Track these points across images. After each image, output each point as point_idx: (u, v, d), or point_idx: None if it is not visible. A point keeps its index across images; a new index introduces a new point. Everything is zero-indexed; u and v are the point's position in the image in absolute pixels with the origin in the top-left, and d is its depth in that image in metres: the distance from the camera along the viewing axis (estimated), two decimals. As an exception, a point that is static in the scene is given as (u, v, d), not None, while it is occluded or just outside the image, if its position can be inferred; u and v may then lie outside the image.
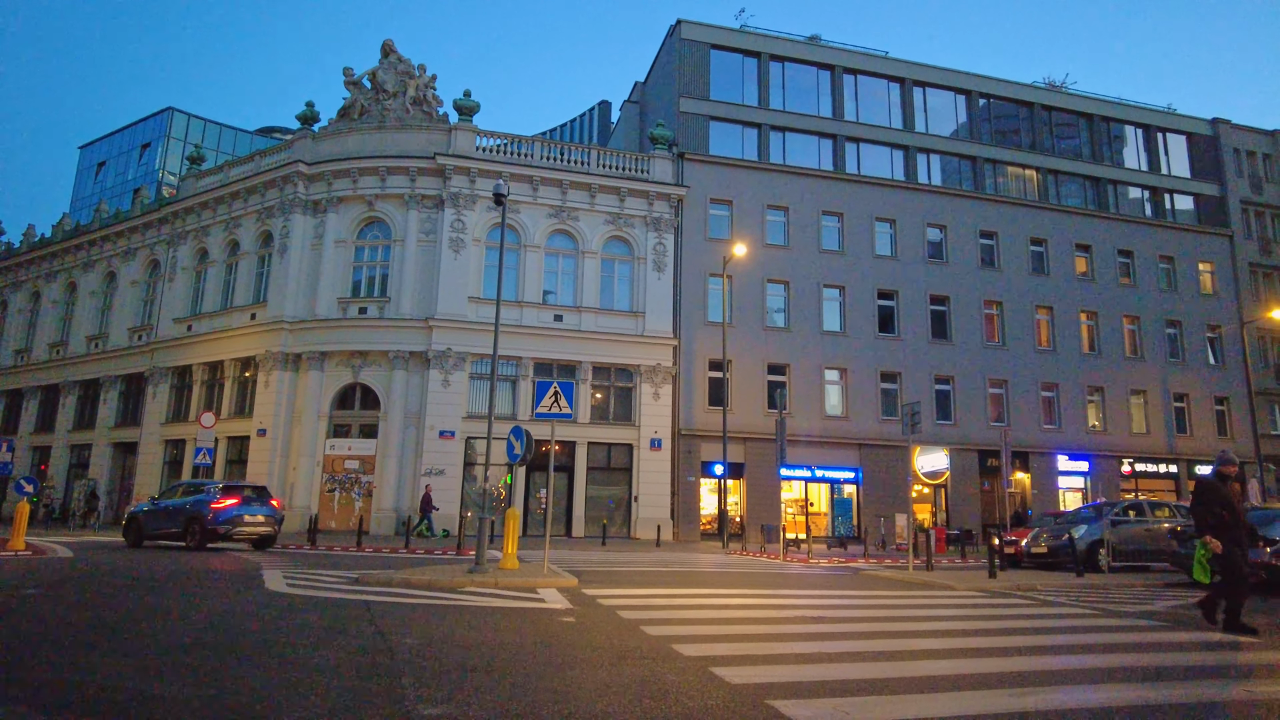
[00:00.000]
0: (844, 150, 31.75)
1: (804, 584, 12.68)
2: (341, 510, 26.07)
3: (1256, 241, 36.65)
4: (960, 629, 8.09)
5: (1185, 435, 32.92)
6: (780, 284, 29.49)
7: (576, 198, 28.00)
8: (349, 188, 27.82)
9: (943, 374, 30.34)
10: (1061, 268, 32.90)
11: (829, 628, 7.94)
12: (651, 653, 6.15)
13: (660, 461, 26.79)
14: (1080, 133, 35.91)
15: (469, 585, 10.15)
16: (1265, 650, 7.09)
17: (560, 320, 27.12)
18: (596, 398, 27.34)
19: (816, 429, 28.60)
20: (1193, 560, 12.64)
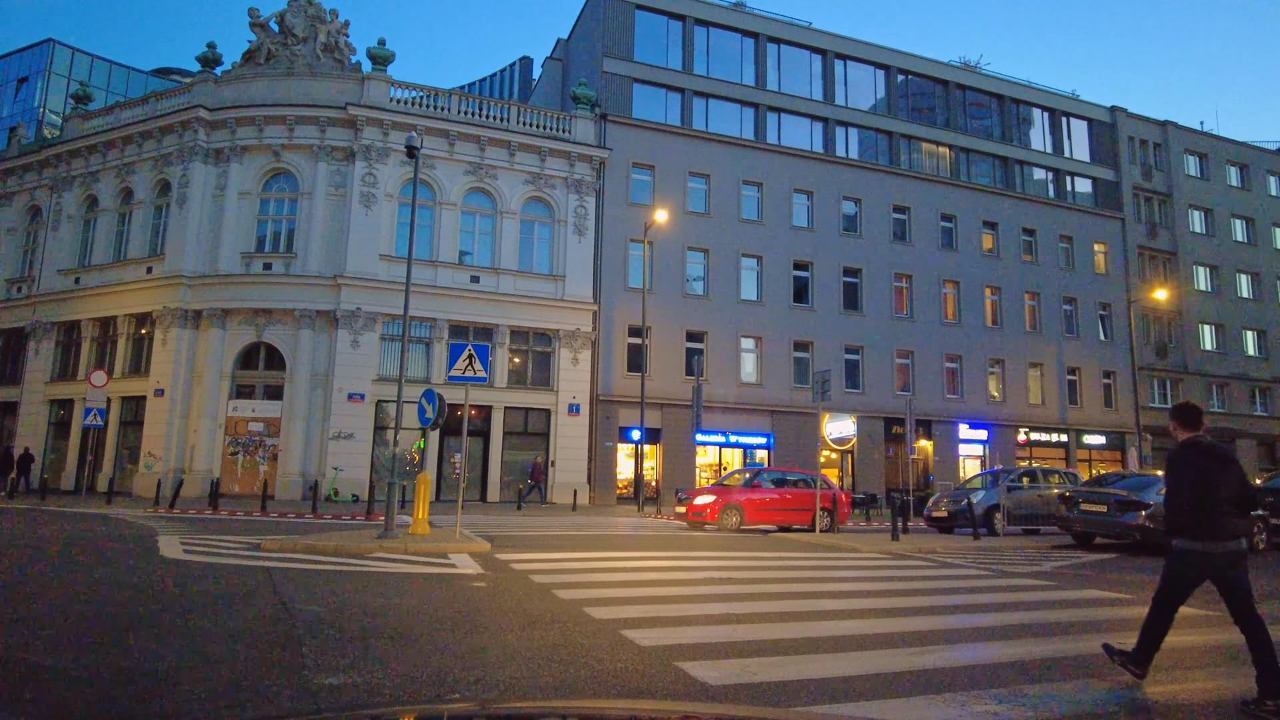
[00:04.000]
0: (765, 120, 31.92)
1: (715, 546, 12.92)
2: (246, 474, 25.10)
3: (1145, 226, 38.78)
4: (865, 590, 8.39)
5: (1076, 407, 34.88)
6: (700, 252, 29.62)
7: (495, 155, 27.32)
8: (254, 137, 26.38)
9: (853, 344, 31.19)
10: (969, 244, 34.10)
11: (738, 589, 8.10)
12: (563, 617, 6.14)
13: (578, 427, 26.74)
14: (991, 113, 37.08)
15: (378, 551, 9.92)
16: (1138, 605, 7.59)
17: (477, 282, 26.56)
18: (515, 362, 27.01)
19: (732, 396, 29.05)
20: (1083, 523, 13.37)
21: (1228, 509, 4.75)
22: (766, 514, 17.34)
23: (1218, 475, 4.74)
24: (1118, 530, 13.45)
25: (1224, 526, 4.72)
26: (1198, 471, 4.76)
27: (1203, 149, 41.54)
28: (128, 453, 26.21)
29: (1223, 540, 4.70)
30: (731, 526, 16.65)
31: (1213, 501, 4.71)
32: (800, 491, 17.83)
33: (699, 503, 17.02)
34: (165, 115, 27.06)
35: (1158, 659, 5.05)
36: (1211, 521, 4.72)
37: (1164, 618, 4.90)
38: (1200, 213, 40.64)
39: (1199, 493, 4.73)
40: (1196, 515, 4.75)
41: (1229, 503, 4.75)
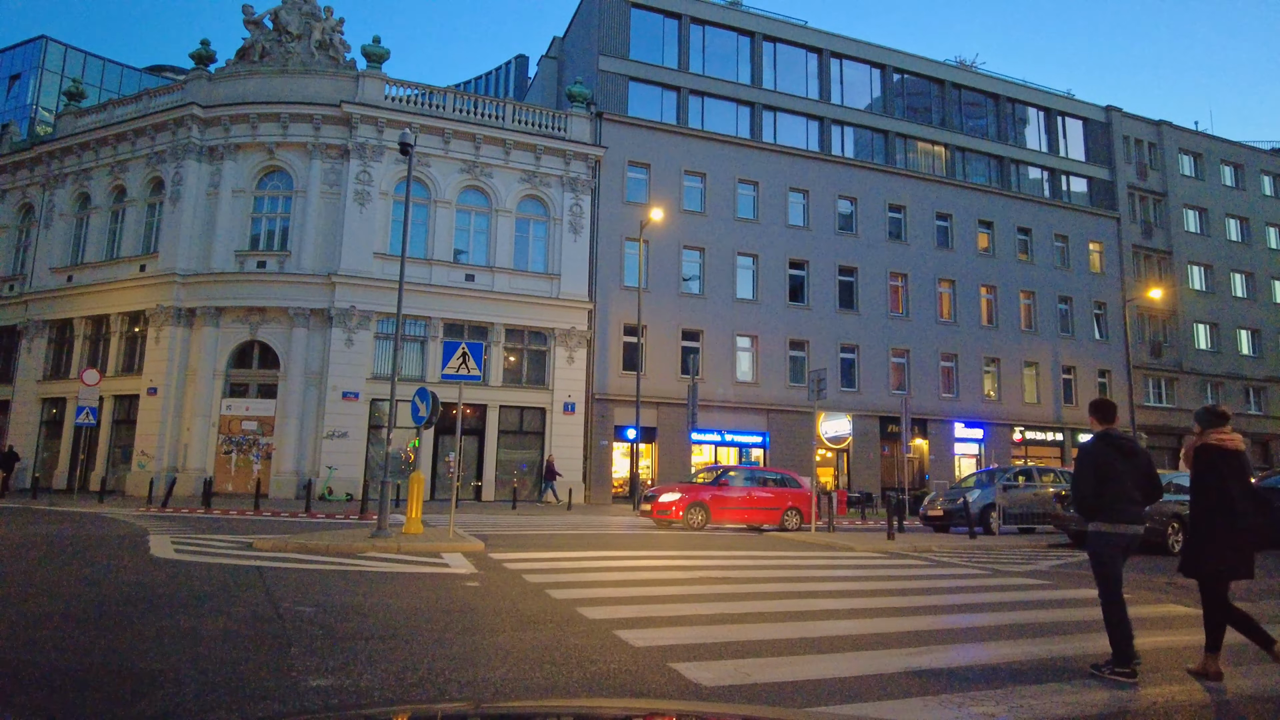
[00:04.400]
0: (761, 118, 31.88)
1: (710, 545, 12.86)
2: (239, 473, 25.00)
3: (1140, 225, 38.83)
4: (860, 589, 8.34)
5: (1071, 405, 34.90)
6: (696, 250, 29.57)
7: (490, 153, 27.22)
8: (248, 134, 26.26)
9: (848, 343, 31.16)
10: (965, 243, 34.09)
11: (733, 589, 8.05)
12: (556, 617, 6.08)
13: (573, 425, 26.67)
14: (987, 112, 37.08)
15: (370, 550, 9.85)
16: (1135, 605, 7.56)
17: (472, 280, 26.47)
18: (510, 361, 26.92)
19: (727, 394, 29.00)
20: (1078, 521, 13.31)
21: (1132, 496, 5.12)
22: (733, 512, 17.17)
23: (1121, 465, 5.11)
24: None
25: (1127, 511, 5.09)
26: (1103, 461, 5.13)
27: (1197, 149, 41.61)
28: (120, 452, 26.07)
29: (1127, 524, 5.08)
30: (697, 525, 16.44)
31: (1115, 488, 5.07)
32: (769, 490, 17.79)
33: (664, 500, 16.80)
34: (159, 112, 26.91)
35: (1159, 661, 5.02)
36: (1114, 506, 5.08)
37: (1116, 606, 5.03)
38: (1195, 212, 40.70)
39: (1101, 480, 5.10)
40: (1096, 500, 5.12)
41: (1133, 490, 5.12)
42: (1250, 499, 5.09)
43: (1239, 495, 5.03)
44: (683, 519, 16.38)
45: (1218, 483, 5.10)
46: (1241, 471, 5.15)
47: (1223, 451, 5.15)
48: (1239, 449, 5.19)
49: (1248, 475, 5.20)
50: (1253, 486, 5.20)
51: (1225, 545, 5.07)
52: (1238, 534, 5.03)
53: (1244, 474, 5.16)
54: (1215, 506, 5.09)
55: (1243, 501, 5.03)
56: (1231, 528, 5.03)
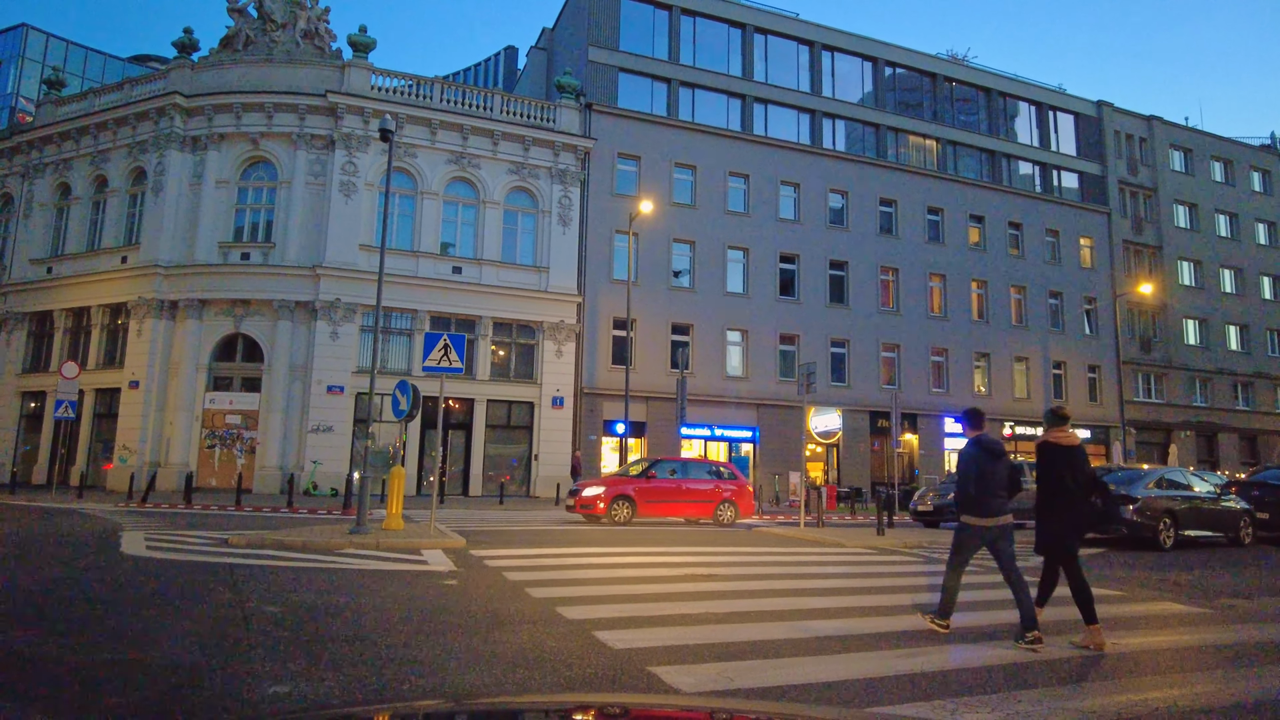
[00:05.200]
0: (752, 111, 31.64)
1: (697, 541, 12.67)
2: (223, 468, 24.66)
3: (1130, 220, 38.80)
4: (849, 587, 8.15)
5: (1061, 401, 34.85)
6: (686, 244, 29.33)
7: (478, 144, 26.90)
8: (231, 124, 25.85)
9: (838, 337, 31.01)
10: (956, 237, 33.97)
11: (718, 586, 7.84)
12: (533, 617, 5.86)
13: (562, 420, 26.43)
14: (978, 107, 36.95)
15: (347, 547, 9.60)
16: (1129, 603, 7.40)
17: (459, 273, 26.17)
18: (499, 355, 26.63)
19: (717, 389, 28.81)
20: None
21: (999, 492, 5.88)
22: (662, 506, 16.69)
23: (991, 466, 5.86)
24: (1104, 525, 13.29)
25: (994, 506, 5.86)
26: (978, 463, 5.89)
27: (1187, 144, 41.60)
28: (101, 446, 25.68)
29: (993, 516, 5.86)
30: (622, 519, 15.94)
31: (986, 486, 5.84)
32: (701, 482, 17.37)
33: (587, 494, 16.31)
34: (141, 101, 26.46)
35: (1161, 662, 4.83)
36: (985, 502, 5.84)
37: (956, 576, 6.03)
38: (1185, 208, 40.70)
39: (980, 479, 5.84)
40: (977, 497, 5.86)
41: (1000, 487, 5.89)
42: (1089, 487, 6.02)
43: (1072, 484, 5.92)
44: (605, 513, 15.86)
45: (1055, 474, 5.99)
46: (1075, 463, 6.00)
47: (1059, 447, 6.05)
48: (1073, 444, 6.09)
49: (1081, 466, 6.02)
50: (1091, 475, 6.10)
51: (1067, 525, 5.96)
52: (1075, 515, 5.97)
53: (1077, 466, 6.00)
54: (1055, 493, 5.98)
55: (1076, 489, 5.93)
56: (1068, 510, 5.94)
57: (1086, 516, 6.08)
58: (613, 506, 16.00)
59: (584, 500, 16.19)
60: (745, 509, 17.55)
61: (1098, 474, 6.25)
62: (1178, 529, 13.38)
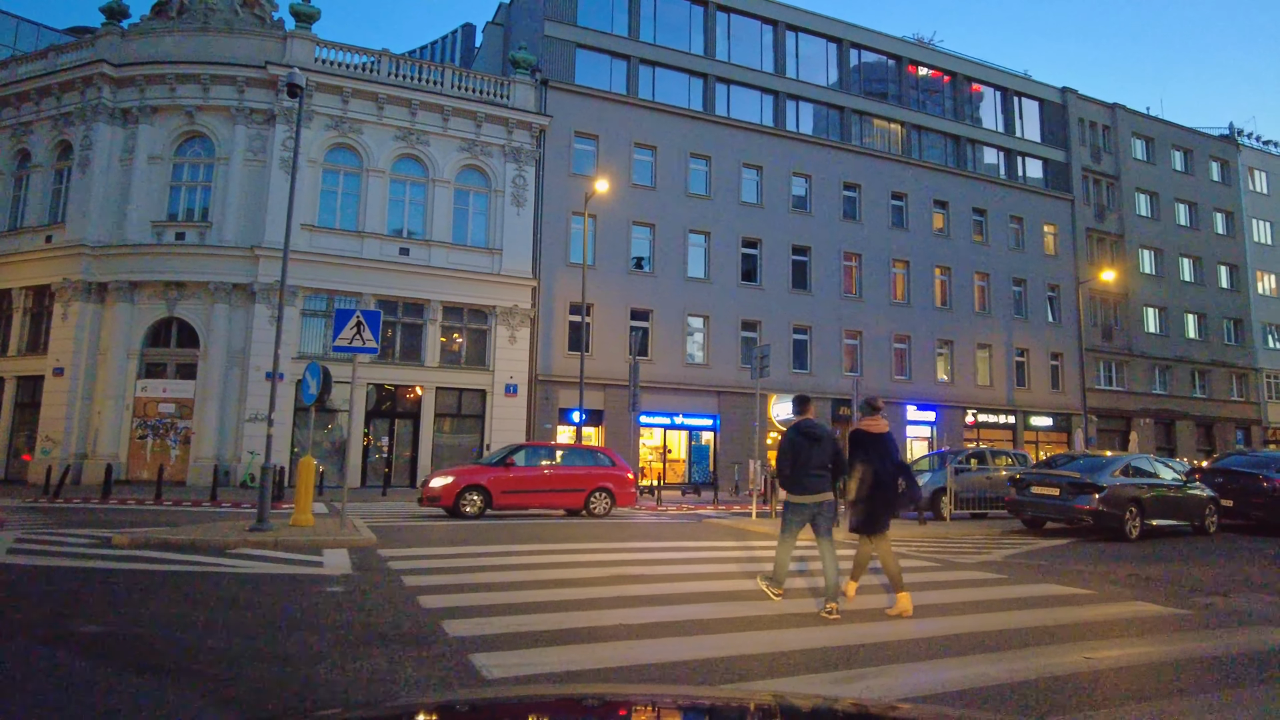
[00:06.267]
0: (714, 91, 30.81)
1: (641, 535, 11.91)
2: (155, 459, 23.34)
3: (1093, 208, 38.69)
4: (796, 587, 7.41)
5: (1023, 388, 34.69)
6: (646, 227, 28.48)
7: (428, 120, 25.76)
8: (165, 96, 24.43)
9: (801, 324, 30.41)
10: (920, 223, 33.52)
11: (647, 589, 7.04)
12: (410, 634, 5.02)
13: (515, 408, 25.51)
14: (943, 92, 36.48)
15: (242, 547, 8.67)
16: (1101, 603, 6.76)
17: (407, 254, 25.06)
18: (457, 340, 25.61)
19: (678, 376, 28.08)
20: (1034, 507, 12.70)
21: (818, 472, 6.43)
22: (521, 496, 15.23)
23: (810, 449, 6.40)
24: (1070, 515, 12.78)
25: (813, 485, 6.40)
26: (794, 447, 6.40)
27: (1149, 133, 41.61)
28: (24, 437, 24.26)
29: (813, 494, 6.40)
30: (474, 512, 14.45)
31: (804, 467, 6.37)
32: (570, 470, 15.95)
33: (434, 485, 14.73)
34: (65, 70, 24.92)
35: (1146, 684, 4.12)
36: (805, 482, 6.38)
37: (786, 548, 6.59)
38: (1146, 196, 40.73)
39: (795, 461, 6.37)
40: (794, 477, 6.39)
41: (820, 468, 6.43)
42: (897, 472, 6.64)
43: (879, 469, 6.51)
44: (453, 505, 14.37)
45: (865, 459, 6.55)
46: (884, 450, 6.63)
47: (869, 435, 6.68)
48: (882, 432, 6.72)
49: (888, 452, 6.66)
50: (899, 461, 6.74)
51: (877, 505, 6.53)
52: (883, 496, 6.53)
53: (887, 452, 6.64)
54: (864, 478, 6.53)
55: (884, 472, 6.54)
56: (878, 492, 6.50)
57: (894, 498, 6.64)
58: (462, 499, 14.43)
59: (431, 492, 14.59)
60: (624, 498, 16.21)
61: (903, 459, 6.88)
62: (1144, 518, 12.89)
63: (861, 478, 6.56)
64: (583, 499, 15.57)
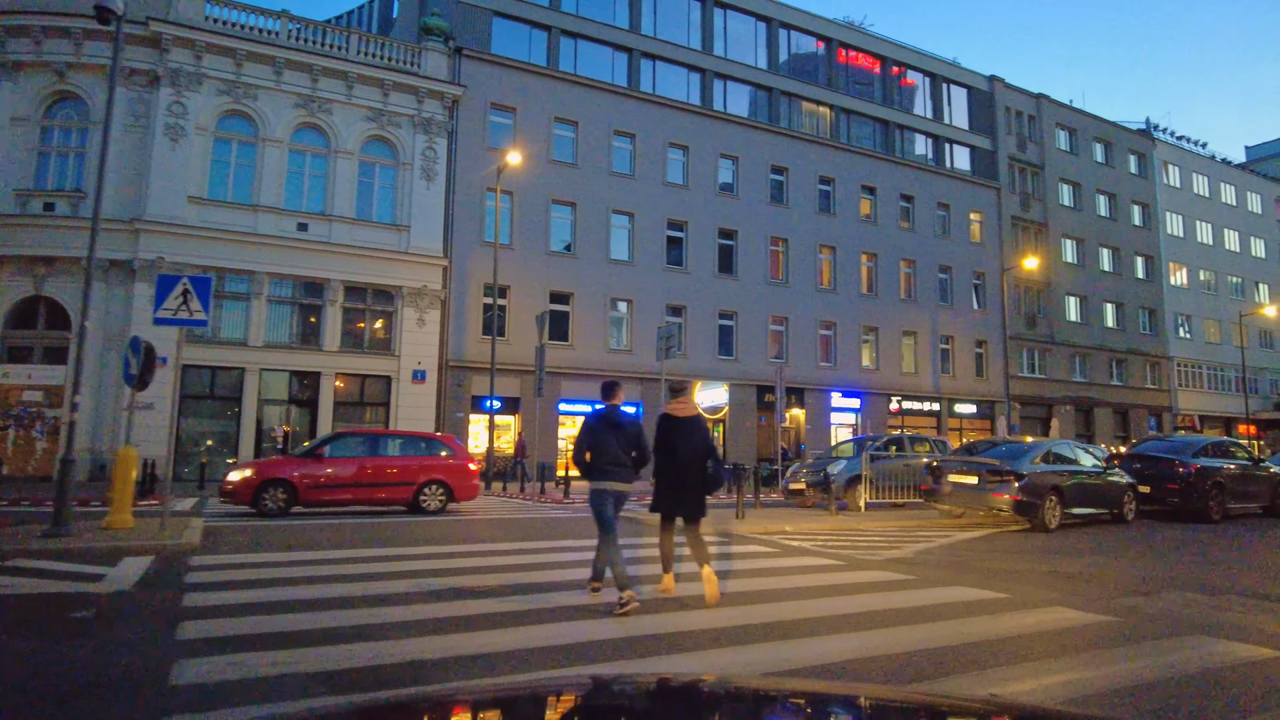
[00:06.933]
0: (639, 67, 29.70)
1: (529, 534, 10.83)
2: (19, 452, 21.29)
3: (1019, 196, 38.93)
4: (673, 595, 6.41)
5: (948, 375, 34.67)
6: (567, 205, 27.25)
7: (330, 87, 24.03)
8: (30, 51, 22.14)
9: (727, 309, 29.64)
10: (847, 208, 33.08)
11: (459, 610, 5.89)
12: (117, 685, 3.81)
13: (424, 396, 24.07)
14: (873, 77, 36.08)
15: (18, 557, 7.26)
16: (1014, 610, 5.92)
17: (306, 230, 23.32)
18: (361, 325, 24.00)
19: (600, 362, 26.99)
20: (951, 497, 11.99)
21: (621, 460, 6.25)
22: (336, 491, 13.39)
23: (609, 436, 6.25)
24: (989, 504, 12.15)
25: (613, 473, 6.20)
26: (595, 433, 6.29)
27: (1072, 124, 42.11)
28: None
29: (612, 482, 6.21)
30: (276, 510, 12.76)
31: (605, 455, 6.20)
32: (396, 460, 14.13)
33: (232, 479, 12.99)
34: (-85, 20, 22.38)
35: None
36: (603, 469, 6.19)
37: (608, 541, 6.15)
38: (1069, 186, 41.22)
39: (593, 449, 6.24)
40: (590, 465, 6.24)
41: (623, 456, 6.25)
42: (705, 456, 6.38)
43: (683, 453, 6.31)
44: (252, 502, 12.65)
45: (669, 442, 6.36)
46: (689, 433, 6.40)
47: (675, 418, 6.47)
48: (688, 415, 6.52)
49: (693, 435, 6.41)
50: (705, 443, 6.44)
51: (673, 488, 6.35)
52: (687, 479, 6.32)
53: (692, 435, 6.40)
54: (668, 460, 6.35)
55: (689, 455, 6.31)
56: (682, 475, 6.30)
57: (701, 484, 6.34)
58: (262, 495, 12.71)
59: (229, 486, 12.86)
60: (464, 491, 14.36)
61: (712, 443, 6.51)
62: (1064, 507, 12.36)
63: (663, 462, 6.39)
64: (412, 493, 13.84)
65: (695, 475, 6.30)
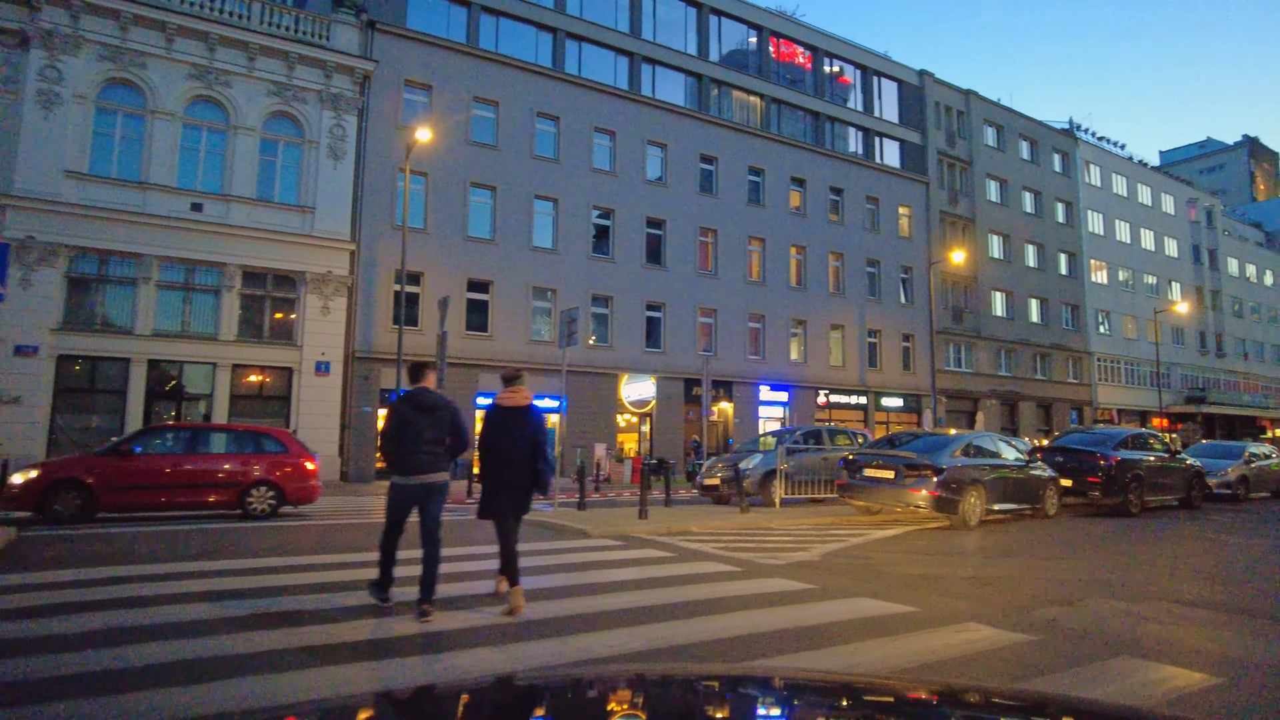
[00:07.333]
0: (564, 48, 28.64)
1: (362, 543, 9.75)
2: None
3: (947, 192, 39.13)
4: (538, 617, 5.50)
5: (875, 369, 34.58)
6: (487, 190, 26.06)
7: (229, 58, 22.36)
8: (-120, 6, 20.02)
9: (654, 300, 28.86)
10: (777, 200, 32.63)
11: (277, 640, 4.93)
12: None
13: (328, 389, 22.64)
14: (804, 71, 35.70)
15: None
16: (924, 628, 5.18)
17: (200, 210, 21.64)
18: (262, 313, 22.41)
19: (521, 354, 25.91)
20: (866, 492, 11.36)
21: (429, 449, 5.58)
22: (145, 494, 11.69)
23: (419, 422, 5.56)
24: (906, 501, 11.57)
25: (421, 463, 5.56)
26: (402, 419, 5.59)
27: (1000, 121, 42.57)
28: None
29: (419, 474, 5.57)
30: (69, 515, 11.10)
31: (412, 444, 5.52)
32: (217, 458, 12.49)
33: (14, 481, 11.29)
34: None
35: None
36: (409, 460, 5.54)
37: (390, 541, 5.63)
38: (996, 183, 41.66)
39: (400, 435, 5.56)
40: (399, 454, 5.56)
41: (432, 444, 5.59)
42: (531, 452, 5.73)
43: (507, 447, 5.74)
44: (39, 507, 11.00)
45: (493, 436, 5.81)
46: (518, 426, 5.79)
47: (503, 409, 5.88)
48: (518, 406, 5.88)
49: (521, 428, 5.79)
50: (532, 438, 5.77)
51: (497, 487, 5.76)
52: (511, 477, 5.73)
53: (521, 428, 5.78)
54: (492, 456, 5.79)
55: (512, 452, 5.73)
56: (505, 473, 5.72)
57: (526, 480, 5.79)
58: (51, 499, 11.07)
59: (12, 490, 11.14)
60: (299, 493, 12.64)
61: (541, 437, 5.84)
62: (985, 503, 11.86)
63: (486, 458, 5.84)
64: (236, 496, 12.17)
65: (518, 472, 5.75)
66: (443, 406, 5.74)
